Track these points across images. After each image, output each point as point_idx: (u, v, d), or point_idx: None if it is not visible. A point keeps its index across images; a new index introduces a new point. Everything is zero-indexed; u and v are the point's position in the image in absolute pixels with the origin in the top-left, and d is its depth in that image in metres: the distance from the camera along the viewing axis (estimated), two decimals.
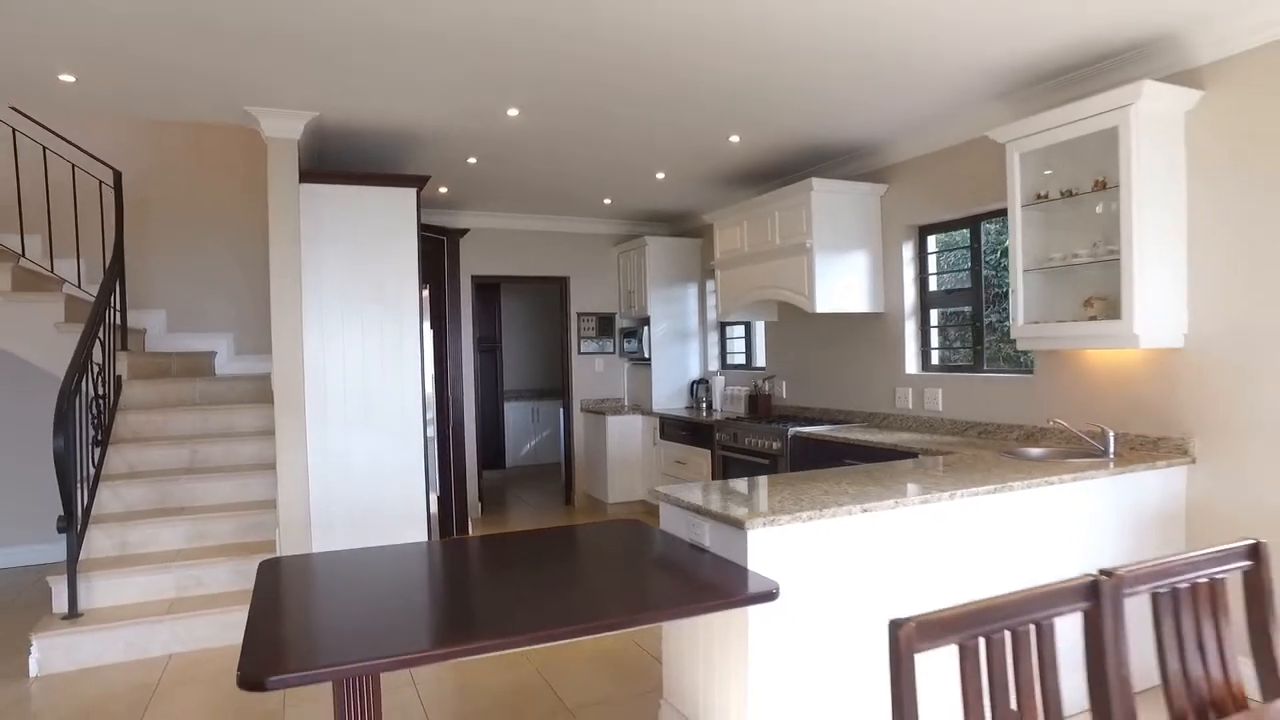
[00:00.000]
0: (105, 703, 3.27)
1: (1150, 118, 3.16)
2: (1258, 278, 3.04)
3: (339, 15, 2.80)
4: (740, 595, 2.06)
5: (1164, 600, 1.41)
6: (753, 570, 2.25)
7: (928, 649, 1.16)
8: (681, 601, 2.05)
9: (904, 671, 1.13)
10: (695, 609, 2.03)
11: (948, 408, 4.46)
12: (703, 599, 2.04)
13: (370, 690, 1.79)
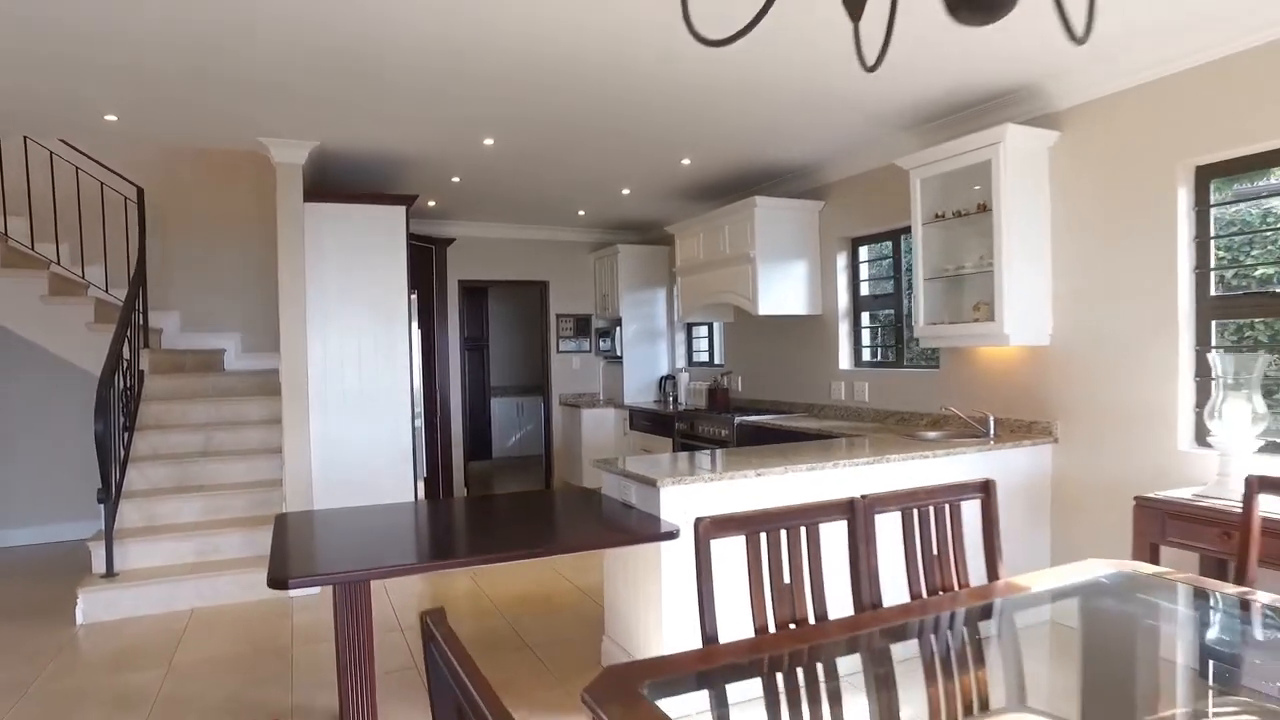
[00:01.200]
0: (141, 645, 3.88)
1: (1017, 153, 3.79)
2: (1106, 287, 3.67)
3: (338, 67, 3.41)
4: (649, 534, 2.68)
5: (911, 517, 2.02)
6: (663, 519, 2.87)
7: (721, 537, 1.78)
8: (604, 537, 2.67)
9: (702, 552, 1.75)
10: (612, 541, 2.65)
11: (873, 398, 5.09)
12: (620, 536, 2.67)
13: (361, 595, 2.41)
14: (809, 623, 1.84)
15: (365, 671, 2.55)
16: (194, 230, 6.40)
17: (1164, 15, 3.02)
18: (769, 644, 1.74)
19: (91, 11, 2.74)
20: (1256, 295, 3.24)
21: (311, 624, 4.16)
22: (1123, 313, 3.59)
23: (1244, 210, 3.36)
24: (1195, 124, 3.30)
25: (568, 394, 7.80)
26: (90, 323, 5.48)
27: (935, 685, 1.65)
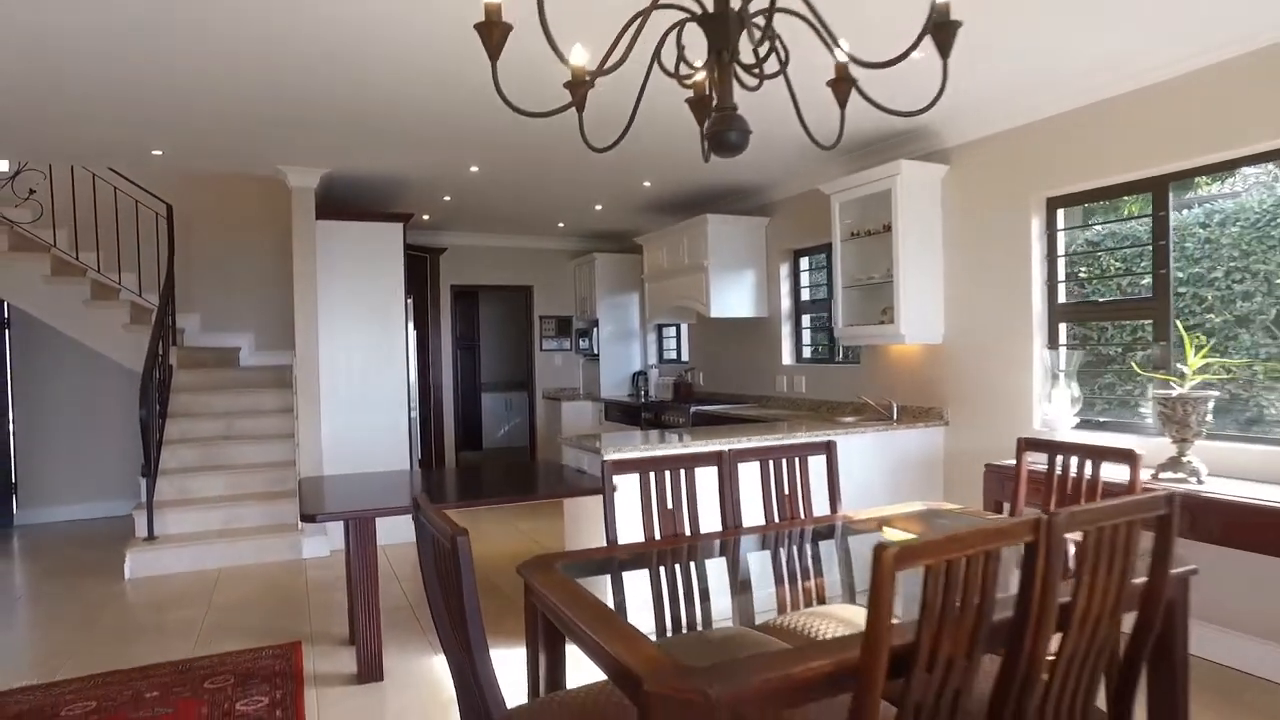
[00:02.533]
0: (181, 593, 4.64)
1: (912, 183, 4.57)
2: (983, 296, 4.45)
3: (346, 110, 4.16)
4: (592, 489, 3.44)
5: (767, 465, 2.78)
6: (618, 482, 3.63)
7: (621, 474, 2.54)
8: (557, 490, 3.44)
9: (607, 482, 2.51)
10: (562, 493, 3.43)
11: (809, 390, 5.86)
12: (569, 490, 3.43)
13: (367, 530, 3.17)
14: (685, 535, 2.60)
15: (372, 595, 3.31)
16: (213, 240, 7.14)
17: (1020, 78, 3.77)
18: (652, 545, 2.50)
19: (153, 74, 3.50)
20: (1089, 303, 4.02)
21: (322, 579, 4.91)
22: (994, 317, 4.37)
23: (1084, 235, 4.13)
24: (1046, 164, 4.08)
25: (550, 388, 8.58)
26: (126, 324, 6.24)
27: (782, 583, 2.40)
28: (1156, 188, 3.69)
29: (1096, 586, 1.69)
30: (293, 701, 3.13)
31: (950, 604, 1.48)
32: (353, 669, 3.43)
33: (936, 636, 1.48)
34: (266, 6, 2.80)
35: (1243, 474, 3.23)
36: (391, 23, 2.97)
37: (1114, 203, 3.96)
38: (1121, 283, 3.89)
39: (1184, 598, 2.13)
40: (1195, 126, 3.41)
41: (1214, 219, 3.52)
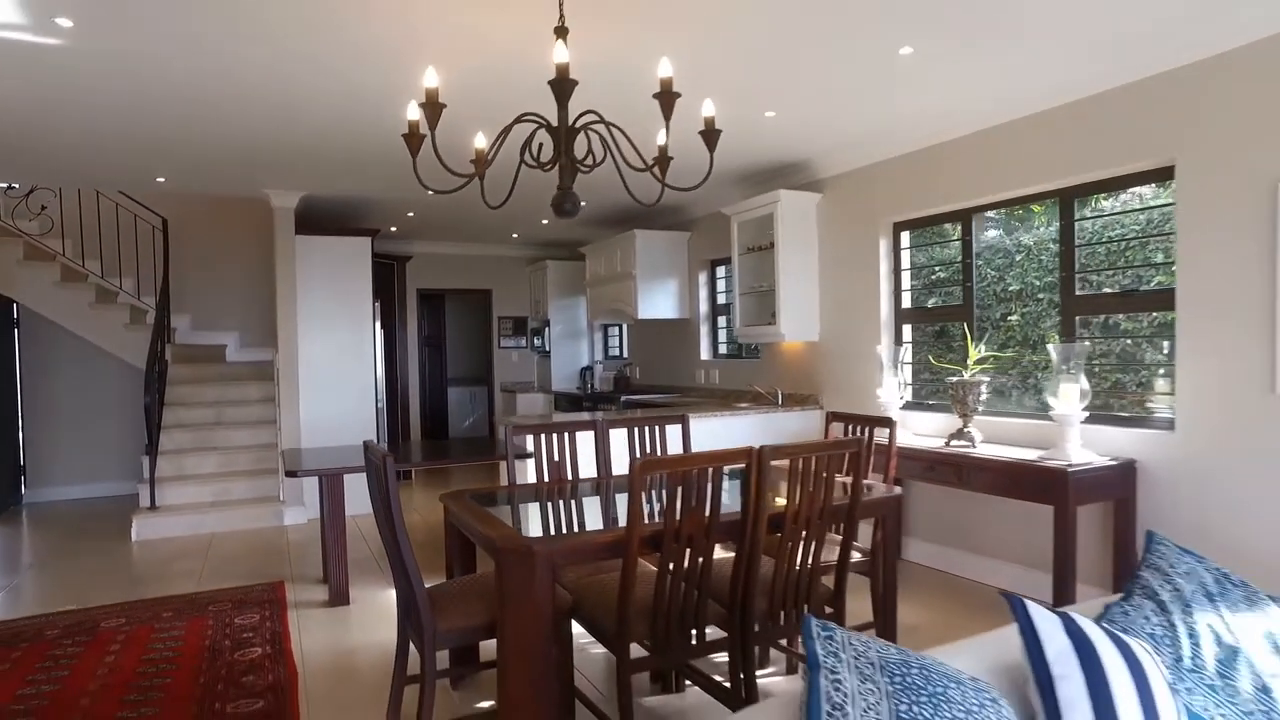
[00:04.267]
0: (181, 551, 5.52)
1: (792, 208, 5.54)
2: (847, 301, 5.42)
3: (319, 148, 5.05)
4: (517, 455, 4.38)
5: (633, 431, 3.72)
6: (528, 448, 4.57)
7: (522, 435, 3.47)
8: (486, 455, 4.37)
9: (510, 445, 3.44)
10: (495, 458, 4.36)
11: (722, 381, 6.83)
12: (498, 456, 4.37)
13: (338, 485, 4.08)
14: (567, 479, 3.55)
15: (340, 538, 4.23)
16: (202, 249, 7.97)
17: (870, 127, 4.75)
18: (541, 485, 3.44)
19: (162, 119, 4.39)
20: (922, 309, 5.01)
21: (301, 540, 5.80)
22: (855, 319, 5.35)
23: (926, 252, 5.13)
24: (892, 195, 5.06)
25: (507, 382, 9.50)
26: (126, 323, 7.08)
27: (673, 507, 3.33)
28: (965, 218, 4.69)
29: (803, 498, 2.64)
30: (279, 618, 4.04)
31: (688, 500, 2.43)
32: (325, 598, 4.35)
33: (679, 521, 2.43)
34: (250, 68, 3.71)
35: (1008, 441, 4.23)
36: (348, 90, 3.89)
37: (940, 229, 4.96)
38: (943, 292, 4.88)
39: (895, 514, 3.11)
40: (991, 170, 4.41)
41: (1005, 244, 4.52)
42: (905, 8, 3.04)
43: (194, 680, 3.30)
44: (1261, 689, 1.71)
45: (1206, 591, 1.91)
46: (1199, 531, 3.48)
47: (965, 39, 3.38)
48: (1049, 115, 4.08)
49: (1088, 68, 3.72)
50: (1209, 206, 3.43)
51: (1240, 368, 3.34)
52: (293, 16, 3.02)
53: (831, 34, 3.30)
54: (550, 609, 2.40)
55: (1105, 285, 4.01)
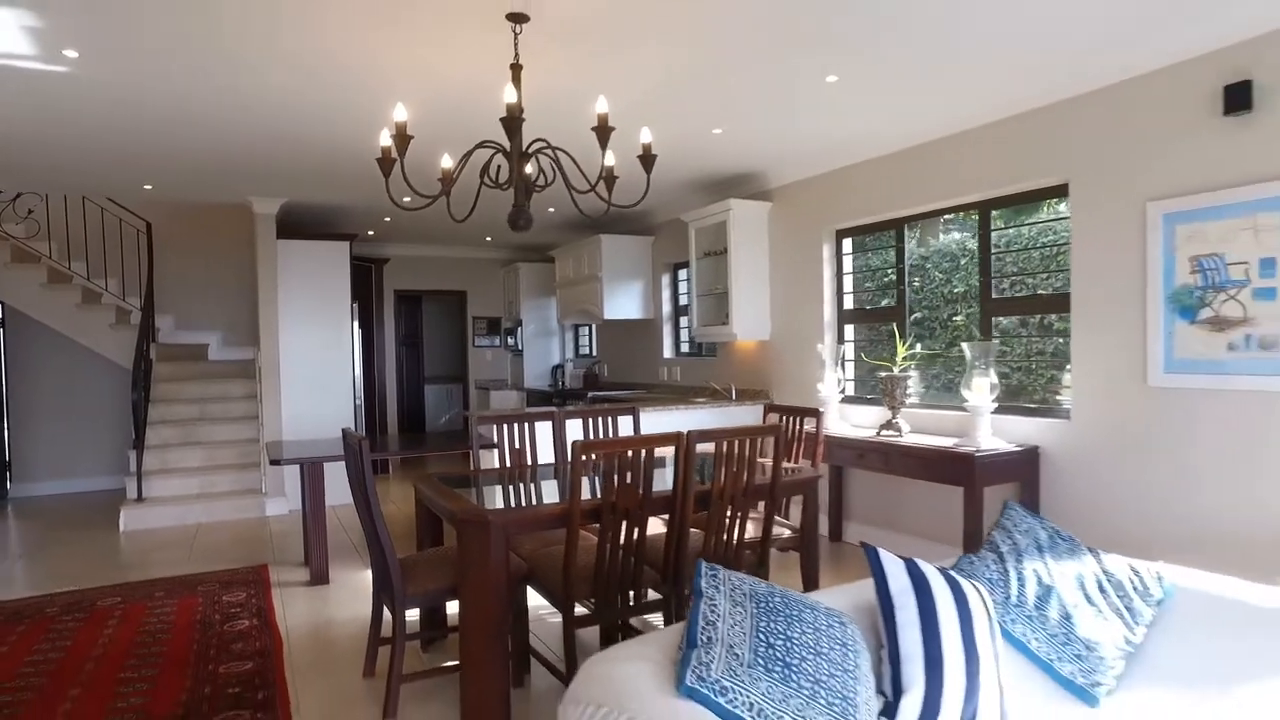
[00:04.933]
0: (167, 541, 5.83)
1: (744, 216, 5.95)
2: (796, 303, 5.83)
3: (302, 156, 5.38)
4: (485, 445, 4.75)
5: (588, 422, 4.11)
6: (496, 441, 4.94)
7: (486, 425, 3.84)
8: (459, 447, 4.73)
9: (475, 435, 3.80)
10: (463, 449, 4.72)
11: (682, 378, 7.23)
12: (465, 445, 4.73)
13: (318, 473, 4.43)
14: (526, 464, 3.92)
15: (320, 522, 4.57)
16: (185, 252, 8.23)
17: (815, 143, 5.15)
18: (503, 470, 3.81)
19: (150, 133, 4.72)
20: (861, 310, 5.43)
21: (283, 529, 6.12)
22: (802, 319, 5.77)
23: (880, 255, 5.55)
24: (835, 204, 5.47)
25: (482, 380, 9.85)
26: (111, 324, 7.36)
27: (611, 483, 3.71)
28: (896, 226, 5.11)
29: (727, 477, 3.04)
30: (263, 596, 4.39)
31: (623, 478, 2.81)
32: (306, 578, 4.70)
33: (616, 495, 2.81)
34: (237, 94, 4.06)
35: (933, 430, 4.66)
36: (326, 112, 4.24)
37: (877, 236, 5.38)
38: (880, 295, 5.31)
39: (815, 493, 3.51)
40: (919, 184, 4.83)
41: (930, 251, 4.95)
42: (827, 43, 3.44)
43: (188, 647, 3.64)
44: (1065, 616, 2.13)
45: (1038, 545, 2.33)
46: (1092, 506, 3.91)
47: (882, 70, 3.79)
48: (967, 135, 4.51)
49: (997, 95, 4.15)
50: (1095, 221, 3.87)
51: (1121, 362, 3.78)
52: (275, 52, 3.37)
53: (763, 64, 3.70)
54: (505, 573, 2.78)
55: (1017, 290, 4.45)
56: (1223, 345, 3.41)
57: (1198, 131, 3.45)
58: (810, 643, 1.73)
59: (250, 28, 3.15)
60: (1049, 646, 2.10)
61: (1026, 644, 2.11)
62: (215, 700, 3.09)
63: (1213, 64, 3.38)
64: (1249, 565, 3.14)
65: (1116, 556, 2.36)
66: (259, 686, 3.21)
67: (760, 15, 3.13)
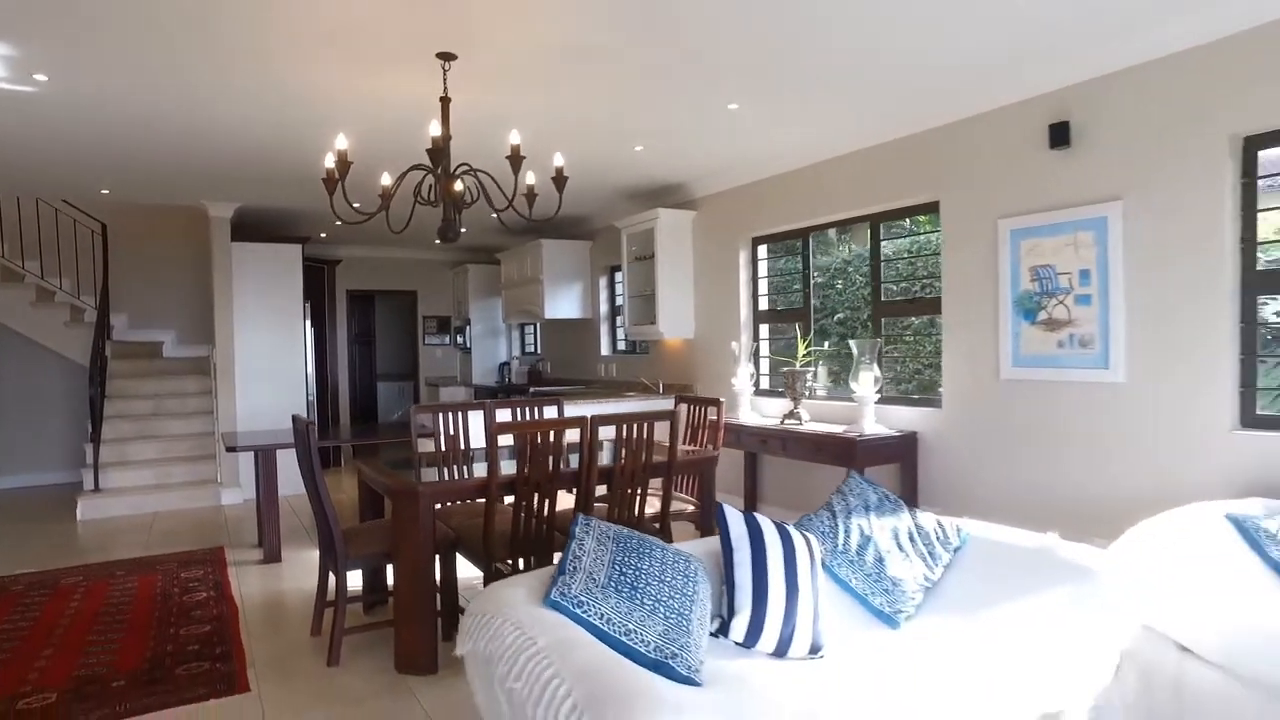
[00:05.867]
0: (124, 528, 6.15)
1: (670, 224, 6.46)
2: (715, 304, 6.36)
3: (256, 165, 5.75)
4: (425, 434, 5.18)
5: (519, 411, 4.58)
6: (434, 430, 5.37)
7: (423, 415, 4.29)
8: (402, 436, 5.16)
9: (414, 424, 4.25)
10: (404, 439, 5.15)
11: (619, 374, 7.73)
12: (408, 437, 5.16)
13: (271, 460, 4.83)
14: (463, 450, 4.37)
15: (273, 504, 4.97)
16: (140, 252, 8.48)
17: (734, 157, 5.68)
18: (439, 454, 4.26)
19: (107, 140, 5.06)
20: (773, 311, 5.98)
21: (237, 516, 6.47)
22: (721, 319, 6.30)
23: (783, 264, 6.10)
24: (752, 214, 6.00)
25: (432, 376, 10.24)
26: (66, 321, 7.62)
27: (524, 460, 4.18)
28: (804, 236, 5.66)
29: (628, 455, 3.54)
30: (220, 572, 4.78)
31: (536, 455, 3.29)
32: (260, 557, 5.09)
33: (529, 470, 3.29)
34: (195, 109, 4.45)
35: (830, 419, 5.21)
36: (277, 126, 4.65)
37: (789, 244, 5.93)
38: (790, 298, 5.86)
39: (710, 472, 4.03)
40: (821, 197, 5.38)
41: (853, 256, 5.51)
42: (725, 76, 3.95)
43: (150, 615, 4.03)
44: (879, 560, 2.67)
45: (866, 505, 2.87)
46: (960, 481, 4.50)
47: (777, 100, 4.32)
48: (858, 156, 5.07)
49: (878, 122, 4.72)
50: (959, 234, 4.45)
51: (981, 357, 4.36)
52: (230, 79, 3.78)
53: (670, 96, 4.20)
54: (432, 536, 3.24)
55: (901, 294, 5.03)
56: (1054, 343, 4.01)
57: (1033, 161, 4.04)
58: (656, 573, 2.23)
59: (208, 59, 3.56)
60: (865, 583, 2.63)
61: (848, 582, 2.64)
62: (177, 655, 3.50)
63: (1042, 105, 3.97)
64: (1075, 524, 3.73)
65: (929, 514, 2.91)
66: (217, 644, 3.62)
67: (663, 59, 3.63)
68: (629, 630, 2.03)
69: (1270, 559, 2.70)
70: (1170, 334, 3.56)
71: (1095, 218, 3.80)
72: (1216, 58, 3.34)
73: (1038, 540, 2.71)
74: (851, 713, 1.94)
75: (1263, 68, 3.20)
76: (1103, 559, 2.55)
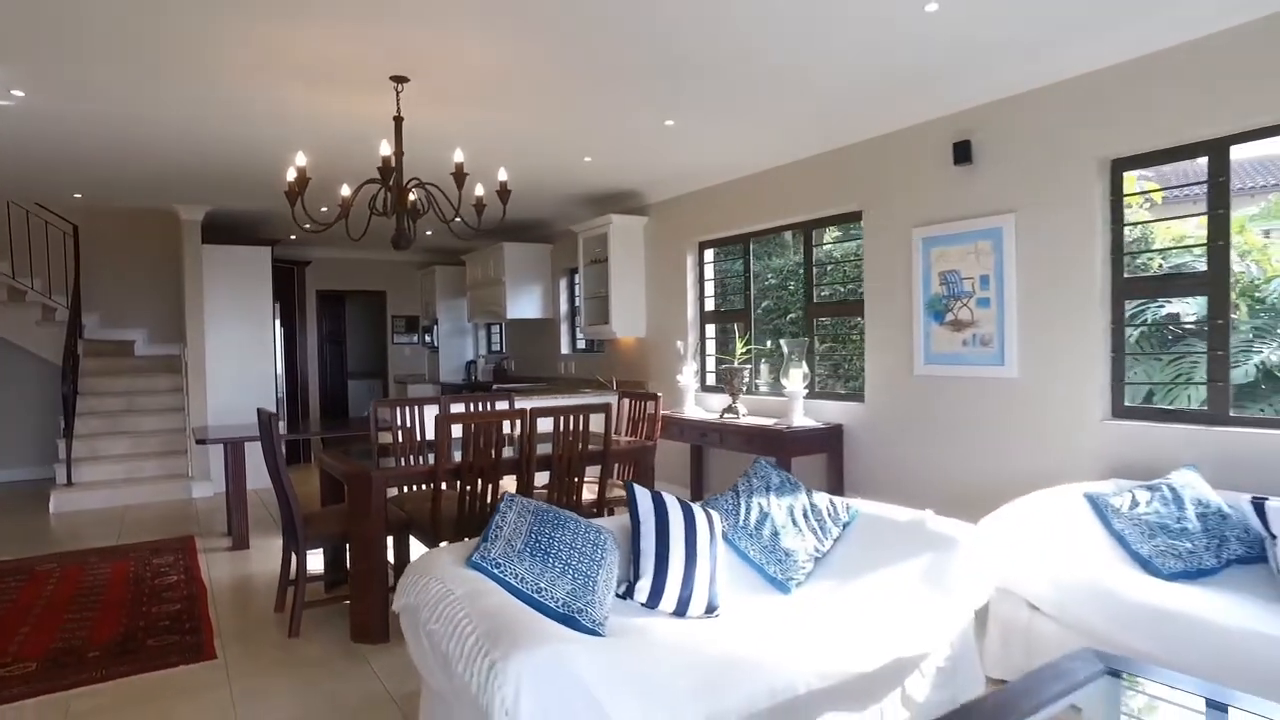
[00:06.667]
0: (97, 520, 6.39)
1: (622, 229, 6.81)
2: (664, 304, 6.72)
3: (225, 172, 6.03)
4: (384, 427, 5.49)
5: (470, 403, 4.91)
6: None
7: (383, 409, 4.61)
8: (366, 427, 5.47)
9: (374, 417, 4.57)
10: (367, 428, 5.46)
11: (578, 371, 8.07)
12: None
13: (240, 451, 5.12)
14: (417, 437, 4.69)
15: (242, 494, 5.26)
16: (111, 252, 8.66)
17: (682, 168, 6.03)
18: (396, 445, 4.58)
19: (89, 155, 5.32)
20: (718, 311, 6.35)
21: (208, 508, 6.74)
22: (669, 319, 6.66)
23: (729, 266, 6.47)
24: (698, 220, 6.37)
25: (401, 374, 10.52)
26: (38, 320, 7.82)
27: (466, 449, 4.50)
28: (745, 241, 6.04)
29: (565, 444, 3.88)
30: (190, 558, 5.06)
31: (480, 443, 3.63)
32: (229, 545, 5.37)
33: (474, 457, 3.63)
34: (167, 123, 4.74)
35: (766, 413, 5.58)
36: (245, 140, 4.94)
37: (730, 249, 6.30)
38: (733, 299, 6.23)
39: (646, 461, 4.38)
40: (759, 205, 5.76)
41: (786, 260, 5.89)
42: (660, 95, 4.30)
43: (123, 596, 4.32)
44: (774, 534, 3.04)
45: (768, 486, 3.23)
46: (882, 469, 4.88)
47: (710, 116, 4.68)
48: (793, 166, 5.45)
49: (806, 137, 5.09)
50: (880, 242, 4.84)
51: (898, 355, 4.75)
52: (201, 96, 4.08)
53: (612, 113, 4.55)
54: (384, 517, 3.56)
55: (830, 297, 5.41)
56: (960, 341, 4.41)
57: (941, 175, 4.43)
58: (569, 541, 2.58)
59: (179, 82, 3.86)
60: (761, 554, 3.00)
61: (747, 552, 3.01)
62: (149, 630, 3.80)
63: (948, 125, 4.37)
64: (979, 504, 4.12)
65: (823, 494, 3.28)
66: (186, 619, 3.92)
67: (602, 79, 3.98)
68: (540, 588, 2.38)
69: (1113, 529, 3.12)
70: (1054, 334, 3.96)
71: (993, 228, 4.20)
72: (1090, 88, 3.75)
73: (913, 515, 3.09)
74: (727, 652, 2.30)
75: (1126, 98, 3.61)
76: (965, 530, 2.93)
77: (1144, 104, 3.55)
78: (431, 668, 2.12)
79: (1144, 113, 3.56)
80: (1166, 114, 3.48)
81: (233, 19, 3.17)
